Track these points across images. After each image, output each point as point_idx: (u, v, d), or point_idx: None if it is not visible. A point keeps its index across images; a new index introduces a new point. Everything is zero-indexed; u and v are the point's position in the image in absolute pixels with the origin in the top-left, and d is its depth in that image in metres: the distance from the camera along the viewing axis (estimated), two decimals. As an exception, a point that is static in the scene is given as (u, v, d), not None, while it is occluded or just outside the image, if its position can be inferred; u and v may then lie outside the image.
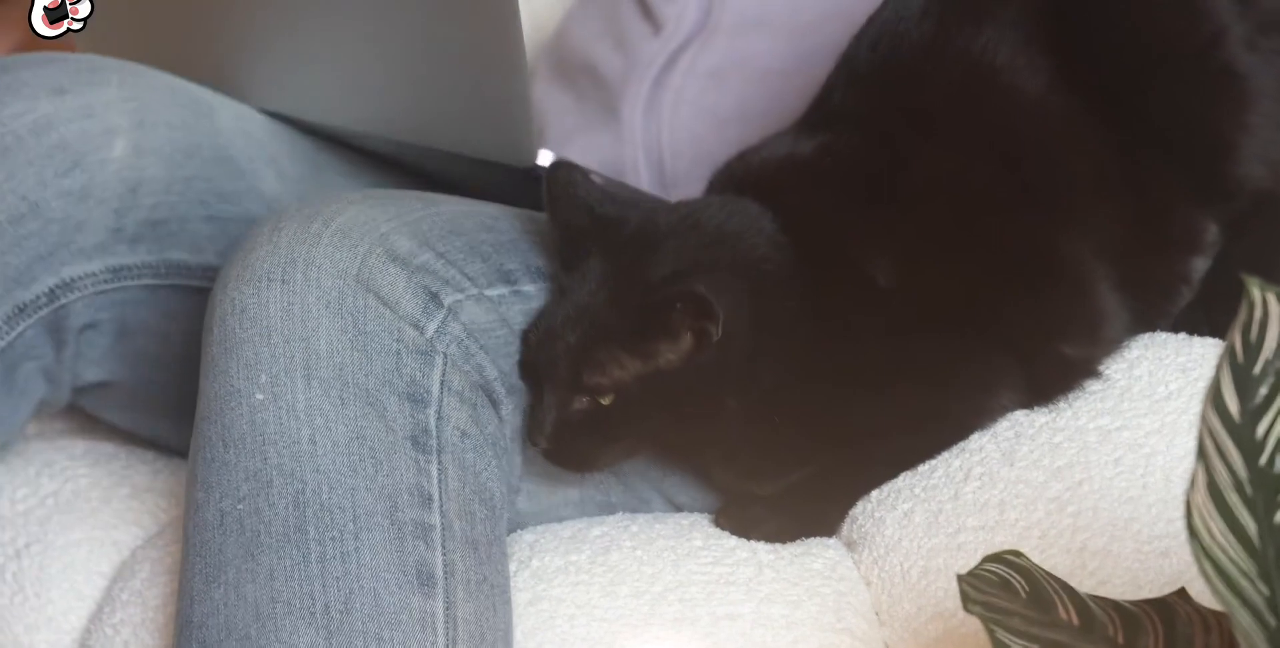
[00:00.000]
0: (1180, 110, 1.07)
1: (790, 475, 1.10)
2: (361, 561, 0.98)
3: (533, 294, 1.10)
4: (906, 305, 1.06)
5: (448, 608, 0.99)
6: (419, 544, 0.99)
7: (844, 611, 1.06)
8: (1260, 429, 0.72)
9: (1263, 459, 0.72)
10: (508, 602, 1.04)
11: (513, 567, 1.08)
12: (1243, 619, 0.71)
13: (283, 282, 1.02)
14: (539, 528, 1.13)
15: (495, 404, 1.06)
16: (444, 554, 1.00)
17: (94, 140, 1.13)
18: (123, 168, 1.14)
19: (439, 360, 1.03)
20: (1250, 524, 0.72)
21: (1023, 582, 0.81)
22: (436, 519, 1.00)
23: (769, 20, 1.29)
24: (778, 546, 1.09)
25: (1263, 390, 0.72)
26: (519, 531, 1.13)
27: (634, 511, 1.14)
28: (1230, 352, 0.72)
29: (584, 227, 1.09)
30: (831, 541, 1.10)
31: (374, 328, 1.02)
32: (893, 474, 1.10)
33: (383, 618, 0.97)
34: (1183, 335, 1.11)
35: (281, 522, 0.98)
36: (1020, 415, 1.08)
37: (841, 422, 1.08)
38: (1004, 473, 1.05)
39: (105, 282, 1.14)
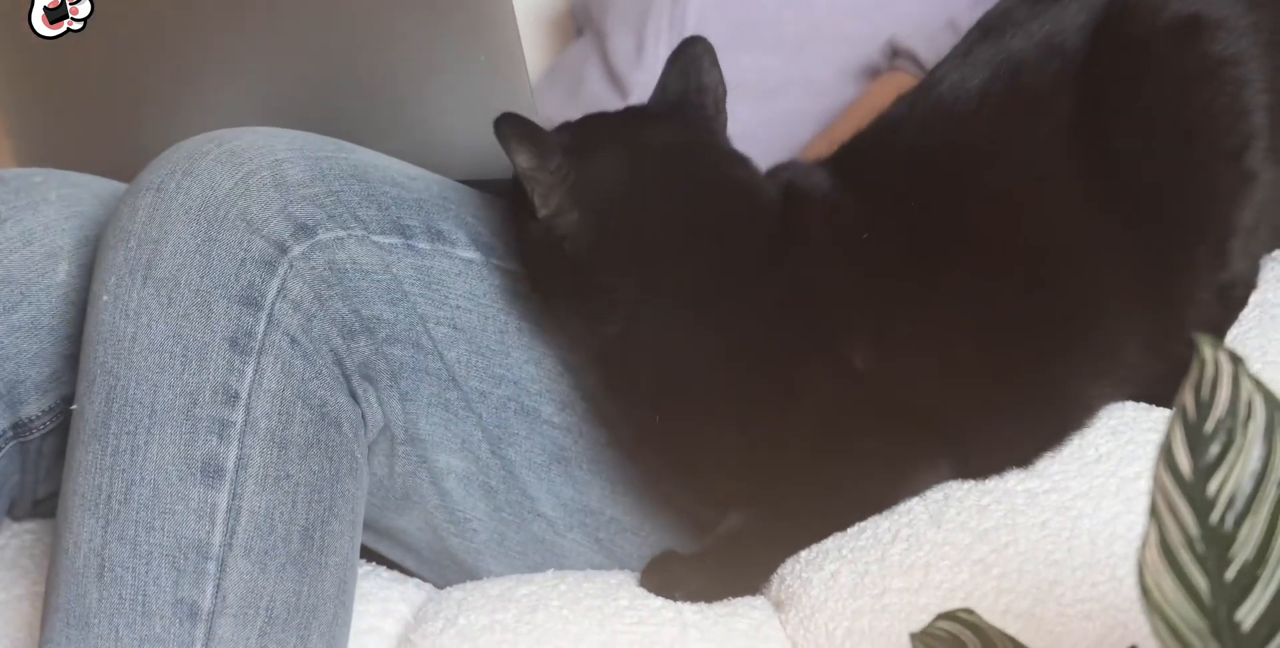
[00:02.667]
0: (1205, 202, 1.07)
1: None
2: (149, 454, 1.01)
3: (427, 252, 1.09)
4: (870, 387, 1.05)
5: (233, 499, 1.01)
6: (211, 439, 1.01)
7: (769, 672, 1.05)
8: (1212, 487, 0.72)
9: (1214, 517, 0.72)
10: (323, 502, 1.04)
11: (439, 625, 1.07)
12: (1196, 677, 0.71)
13: (156, 190, 1.04)
14: (467, 585, 1.12)
15: (348, 335, 1.06)
16: (240, 449, 1.02)
17: (37, 267, 1.12)
18: (70, 291, 1.12)
19: (283, 270, 1.03)
20: (1201, 582, 0.72)
21: (976, 641, 0.81)
22: (239, 417, 1.02)
23: (734, 86, 1.29)
24: (704, 605, 1.08)
25: (1214, 448, 0.72)
26: (449, 588, 1.12)
27: (515, 504, 1.13)
28: (1182, 410, 0.72)
29: (680, 89, 1.11)
30: (758, 601, 1.10)
31: (226, 237, 1.03)
32: (816, 538, 1.09)
33: (158, 507, 1.00)
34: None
35: (94, 418, 1.02)
36: (949, 477, 1.09)
37: (761, 467, 1.07)
38: (931, 535, 1.05)
39: (61, 413, 1.13)
